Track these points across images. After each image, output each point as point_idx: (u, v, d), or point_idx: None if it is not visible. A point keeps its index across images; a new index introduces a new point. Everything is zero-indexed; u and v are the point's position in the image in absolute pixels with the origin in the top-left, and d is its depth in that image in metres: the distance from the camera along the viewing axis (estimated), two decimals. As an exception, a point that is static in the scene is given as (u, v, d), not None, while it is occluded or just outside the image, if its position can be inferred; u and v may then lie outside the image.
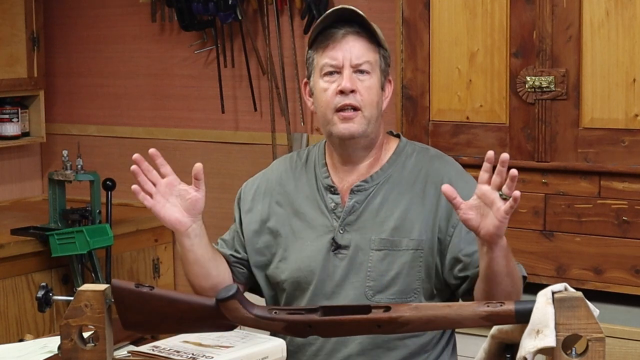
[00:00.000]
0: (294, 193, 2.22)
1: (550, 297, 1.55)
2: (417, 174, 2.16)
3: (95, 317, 1.69)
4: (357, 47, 2.09)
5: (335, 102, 2.09)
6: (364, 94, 2.09)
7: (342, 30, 2.10)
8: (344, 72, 2.08)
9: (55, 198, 3.74)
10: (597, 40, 2.84)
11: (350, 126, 2.09)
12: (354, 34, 2.10)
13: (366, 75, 2.10)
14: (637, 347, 2.72)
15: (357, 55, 2.09)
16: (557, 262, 2.96)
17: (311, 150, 2.27)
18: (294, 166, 2.26)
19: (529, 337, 1.55)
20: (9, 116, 4.27)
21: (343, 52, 2.09)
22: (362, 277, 2.11)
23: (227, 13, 3.85)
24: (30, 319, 3.72)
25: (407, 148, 2.21)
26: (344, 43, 2.09)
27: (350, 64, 2.08)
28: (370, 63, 2.10)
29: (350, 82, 2.07)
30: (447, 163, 2.19)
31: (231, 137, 4.12)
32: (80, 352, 1.69)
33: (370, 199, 2.15)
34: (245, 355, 1.88)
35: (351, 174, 2.18)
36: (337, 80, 2.09)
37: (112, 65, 4.43)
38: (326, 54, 2.10)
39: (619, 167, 2.84)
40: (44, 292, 1.75)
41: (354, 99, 2.08)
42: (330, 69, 2.10)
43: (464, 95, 3.06)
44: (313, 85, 2.15)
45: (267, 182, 2.26)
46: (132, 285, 1.68)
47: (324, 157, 2.22)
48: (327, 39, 2.10)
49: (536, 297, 1.58)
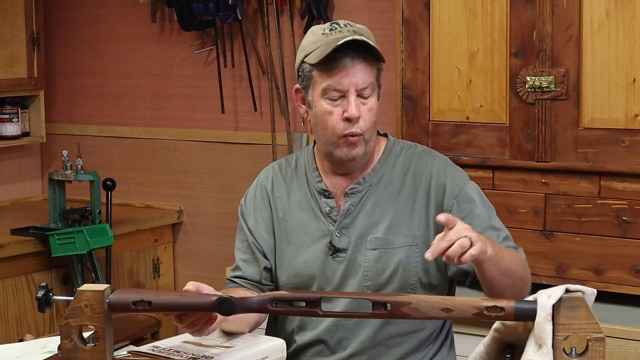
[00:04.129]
0: (286, 199, 2.23)
1: (550, 312, 1.55)
2: (406, 172, 2.17)
3: (95, 317, 1.69)
4: (363, 73, 2.07)
5: (341, 127, 2.08)
6: (367, 118, 2.09)
7: (349, 57, 2.06)
8: (350, 98, 2.07)
9: (55, 198, 3.74)
10: (597, 40, 2.84)
11: (354, 150, 2.10)
12: (361, 59, 2.07)
13: (369, 98, 2.09)
14: (637, 347, 2.72)
15: (363, 81, 2.07)
16: (557, 262, 2.96)
17: (299, 156, 2.27)
18: (283, 172, 2.26)
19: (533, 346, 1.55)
20: (9, 116, 4.27)
21: (349, 79, 2.06)
22: (360, 277, 2.12)
23: (227, 13, 3.85)
24: (30, 319, 3.72)
25: (396, 147, 2.22)
26: (352, 70, 2.06)
27: (355, 89, 2.07)
28: (372, 84, 2.09)
29: (357, 109, 2.07)
30: (434, 157, 2.20)
31: (231, 137, 4.12)
32: (80, 352, 1.69)
33: (364, 200, 2.16)
34: (245, 356, 1.89)
35: (344, 178, 2.19)
36: (341, 105, 2.08)
37: (112, 65, 4.43)
38: (332, 78, 2.07)
39: (619, 167, 2.84)
40: (44, 292, 1.75)
41: (359, 126, 2.08)
42: (336, 94, 2.08)
43: (464, 95, 3.06)
44: (311, 100, 2.13)
45: (262, 189, 2.26)
46: (130, 303, 1.69)
47: (314, 162, 2.22)
48: (333, 64, 2.06)
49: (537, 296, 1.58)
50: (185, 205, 4.26)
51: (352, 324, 2.13)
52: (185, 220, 4.27)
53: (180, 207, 4.26)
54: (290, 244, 2.19)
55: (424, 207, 2.13)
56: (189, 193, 4.24)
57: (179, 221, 4.27)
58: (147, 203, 4.30)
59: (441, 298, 1.63)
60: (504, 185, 3.02)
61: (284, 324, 2.22)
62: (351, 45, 2.05)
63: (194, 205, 4.24)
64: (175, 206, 4.25)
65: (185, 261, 4.25)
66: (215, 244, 4.18)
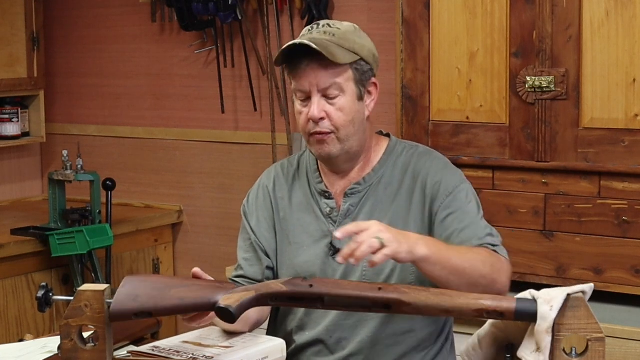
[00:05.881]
0: (287, 199, 2.24)
1: (552, 325, 1.55)
2: (406, 172, 2.17)
3: (95, 317, 1.69)
4: (320, 75, 2.07)
5: (308, 127, 2.11)
6: (335, 117, 2.09)
7: (305, 61, 2.07)
8: (313, 99, 2.09)
9: (55, 198, 3.74)
10: (597, 40, 2.84)
11: (324, 147, 2.11)
12: (315, 62, 2.07)
13: (336, 98, 2.09)
14: (637, 347, 2.72)
15: (323, 82, 2.08)
16: (557, 262, 2.96)
17: (302, 157, 2.29)
18: (285, 173, 2.27)
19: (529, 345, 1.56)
20: (9, 116, 4.27)
21: (309, 80, 2.08)
22: (358, 277, 2.13)
23: (227, 13, 3.85)
24: (30, 319, 3.72)
25: (398, 147, 2.22)
26: (308, 72, 2.08)
27: (317, 90, 2.08)
28: (338, 84, 2.09)
29: (318, 110, 2.08)
30: (434, 158, 2.20)
31: (231, 137, 4.12)
32: (80, 352, 1.69)
33: (364, 201, 2.16)
34: (245, 355, 1.89)
35: (343, 179, 2.19)
36: (308, 106, 2.10)
37: (112, 65, 4.43)
38: (295, 80, 2.11)
39: (619, 167, 2.84)
40: (44, 292, 1.75)
41: (324, 125, 2.09)
42: (302, 95, 2.11)
43: (464, 95, 3.06)
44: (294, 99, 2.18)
45: (264, 189, 2.27)
46: (132, 315, 1.70)
47: (315, 163, 2.23)
48: (293, 68, 2.10)
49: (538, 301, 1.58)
50: (185, 205, 4.26)
51: (351, 324, 2.13)
52: (185, 220, 4.27)
53: (180, 207, 4.26)
54: (291, 244, 2.20)
55: (420, 206, 2.13)
56: (189, 193, 4.24)
57: (179, 221, 4.27)
58: (147, 203, 4.30)
59: (441, 299, 1.63)
60: (504, 185, 3.02)
61: (284, 323, 2.22)
62: (307, 48, 2.05)
63: (194, 205, 4.24)
64: (175, 206, 4.25)
65: (185, 261, 4.25)
66: (215, 244, 4.18)
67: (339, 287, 1.69)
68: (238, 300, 1.71)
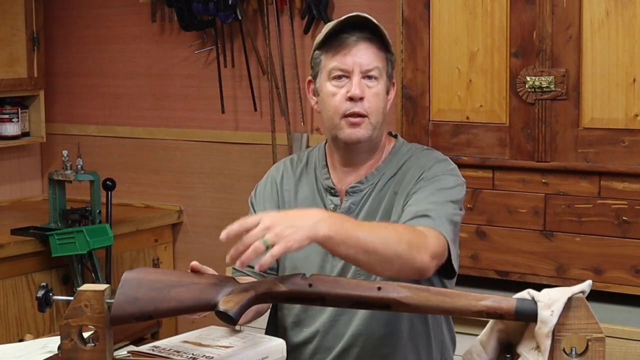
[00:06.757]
0: (293, 193, 2.24)
1: (552, 329, 1.55)
2: (406, 172, 2.17)
3: (95, 317, 1.69)
4: (367, 54, 2.09)
5: (344, 108, 2.09)
6: (372, 100, 2.09)
7: (354, 37, 2.09)
8: (354, 78, 2.08)
9: (55, 198, 3.74)
10: (597, 40, 2.84)
11: (357, 131, 2.10)
12: (366, 40, 2.09)
13: (374, 81, 2.10)
14: (637, 347, 2.72)
15: (368, 62, 2.09)
16: (557, 262, 2.95)
17: (311, 152, 2.29)
18: (294, 167, 2.28)
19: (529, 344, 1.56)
20: (9, 116, 4.27)
21: (354, 58, 2.08)
22: (353, 272, 2.12)
23: (227, 13, 3.85)
24: (30, 319, 3.72)
25: (403, 148, 2.22)
26: (355, 49, 2.08)
27: (360, 70, 2.09)
28: (378, 69, 2.11)
29: (360, 88, 2.08)
30: (431, 153, 2.20)
31: (231, 137, 4.12)
32: (80, 352, 1.69)
33: (365, 199, 2.16)
34: (245, 355, 1.88)
35: (350, 174, 2.19)
36: (345, 86, 2.09)
37: (112, 65, 4.43)
38: (336, 58, 2.09)
39: (619, 167, 2.84)
40: (44, 292, 1.75)
41: (362, 106, 2.09)
42: (340, 73, 2.10)
43: (464, 95, 3.06)
44: (319, 86, 2.15)
45: (272, 182, 2.28)
46: (133, 319, 1.71)
47: (324, 159, 2.23)
48: (338, 43, 2.09)
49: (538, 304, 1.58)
50: (185, 205, 4.26)
51: (347, 319, 2.13)
52: (185, 220, 4.27)
53: (180, 207, 4.26)
54: None
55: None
56: (189, 193, 4.24)
57: (179, 221, 4.27)
58: (147, 203, 4.30)
59: (441, 299, 1.62)
60: (504, 185, 3.02)
61: (282, 319, 2.23)
62: (356, 26, 2.08)
63: (194, 205, 4.24)
64: (175, 206, 4.25)
65: (185, 261, 4.25)
66: (215, 244, 4.16)
67: (338, 286, 1.69)
68: (237, 302, 1.70)
